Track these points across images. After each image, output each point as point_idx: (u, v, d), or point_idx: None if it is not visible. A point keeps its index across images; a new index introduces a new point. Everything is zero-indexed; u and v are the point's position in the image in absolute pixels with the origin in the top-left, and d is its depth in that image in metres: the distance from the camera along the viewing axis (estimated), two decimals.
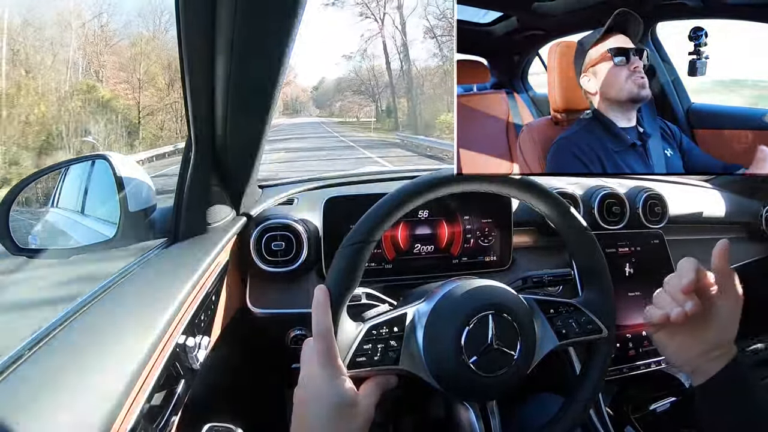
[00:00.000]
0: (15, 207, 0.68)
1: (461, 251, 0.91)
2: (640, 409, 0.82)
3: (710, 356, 0.53)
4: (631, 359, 0.86)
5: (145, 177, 0.75)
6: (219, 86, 0.59)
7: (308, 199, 0.95)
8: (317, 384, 0.48)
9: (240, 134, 0.69)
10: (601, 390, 0.62)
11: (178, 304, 0.58)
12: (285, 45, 0.53)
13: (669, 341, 0.56)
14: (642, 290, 0.90)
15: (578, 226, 0.59)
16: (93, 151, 13.54)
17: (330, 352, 0.48)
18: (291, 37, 0.52)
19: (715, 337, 0.53)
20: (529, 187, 0.56)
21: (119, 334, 0.50)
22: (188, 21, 0.53)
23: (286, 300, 0.83)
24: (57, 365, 0.44)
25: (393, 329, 0.54)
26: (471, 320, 0.52)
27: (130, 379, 0.45)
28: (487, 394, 0.57)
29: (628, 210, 0.99)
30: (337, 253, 0.52)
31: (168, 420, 0.54)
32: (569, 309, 0.60)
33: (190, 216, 0.74)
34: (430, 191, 0.53)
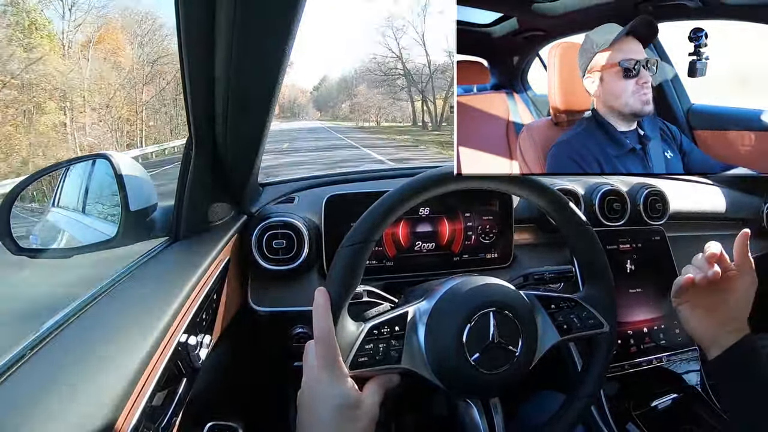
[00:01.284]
0: (15, 207, 0.68)
1: (462, 248, 0.91)
2: (642, 406, 0.82)
3: (726, 329, 0.59)
4: (633, 356, 0.86)
5: (146, 176, 0.75)
6: (219, 84, 0.59)
7: (309, 197, 0.95)
8: (320, 387, 0.48)
9: (241, 132, 0.69)
10: (602, 386, 0.62)
11: (180, 303, 0.58)
12: (285, 43, 0.53)
13: (690, 314, 0.61)
14: (643, 287, 0.91)
15: (578, 222, 0.59)
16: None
17: (331, 354, 0.48)
18: (291, 36, 0.52)
19: (731, 313, 0.59)
20: (529, 183, 0.56)
21: (121, 334, 0.50)
22: (188, 19, 0.53)
23: (288, 298, 0.83)
24: (58, 365, 0.44)
25: (394, 328, 0.54)
26: (472, 317, 0.52)
27: (132, 378, 0.46)
28: (490, 391, 0.57)
29: (629, 207, 0.99)
30: (336, 254, 0.52)
31: (170, 419, 0.54)
32: (570, 304, 0.60)
33: (191, 215, 0.74)
34: (430, 189, 0.53)
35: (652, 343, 0.87)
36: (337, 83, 44.14)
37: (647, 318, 0.89)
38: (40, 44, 17.19)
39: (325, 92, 51.05)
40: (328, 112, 45.22)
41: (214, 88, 0.61)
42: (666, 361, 0.87)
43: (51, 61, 17.28)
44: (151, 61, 23.38)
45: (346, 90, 39.41)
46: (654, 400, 0.82)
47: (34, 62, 16.16)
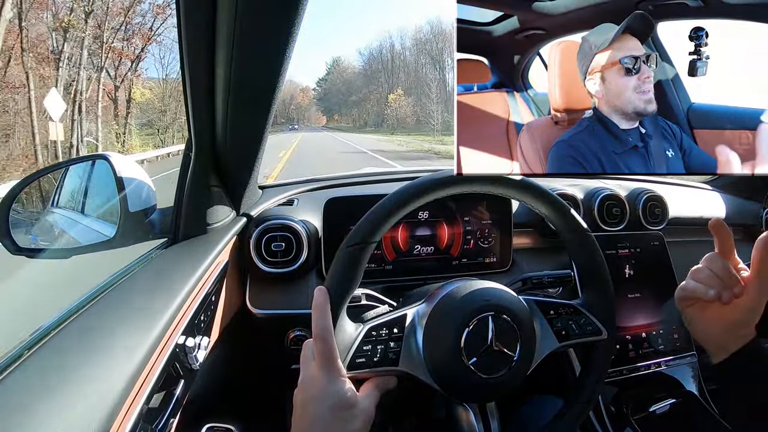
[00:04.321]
0: (15, 206, 0.68)
1: (461, 252, 0.91)
2: (640, 411, 0.82)
3: (734, 335, 0.55)
4: (631, 361, 0.86)
5: (146, 177, 0.75)
6: (219, 86, 0.60)
7: (309, 200, 0.95)
8: (317, 386, 0.48)
9: (240, 134, 0.69)
10: (600, 391, 0.62)
11: (178, 305, 0.58)
12: (286, 44, 0.53)
13: (698, 317, 0.58)
14: (642, 292, 0.90)
15: (578, 227, 0.59)
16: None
17: (329, 353, 0.48)
18: (292, 36, 0.52)
19: (742, 318, 0.55)
20: (528, 188, 0.56)
21: (118, 335, 0.50)
22: (189, 20, 0.53)
23: (286, 301, 0.83)
24: (56, 365, 0.44)
25: (392, 330, 0.53)
26: (471, 321, 0.52)
27: (129, 379, 0.45)
28: (487, 396, 0.57)
29: (628, 212, 0.99)
30: (336, 255, 0.52)
31: (167, 420, 0.54)
32: (569, 310, 0.60)
33: (190, 216, 0.74)
34: (430, 193, 0.53)
35: (651, 348, 0.87)
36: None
37: (646, 323, 0.89)
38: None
39: (333, 87, 37.28)
40: (350, 117, 29.92)
41: (214, 91, 0.61)
42: (664, 366, 0.87)
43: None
44: None
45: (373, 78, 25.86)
46: (652, 405, 0.82)
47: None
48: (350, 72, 35.66)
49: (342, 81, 36.66)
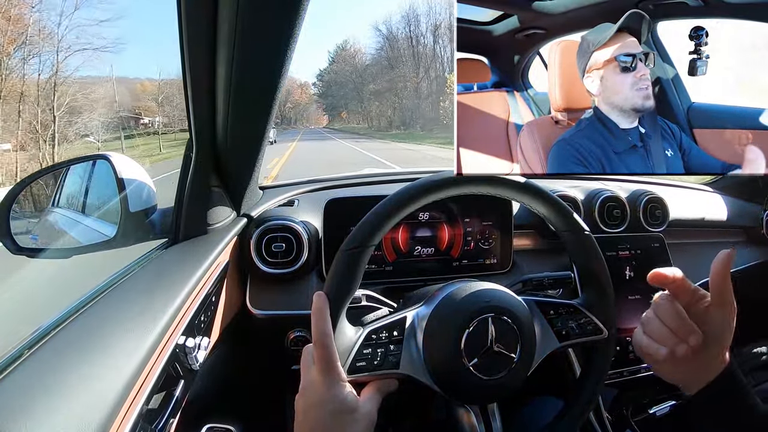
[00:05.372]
0: (15, 206, 0.68)
1: (461, 253, 0.91)
2: (640, 413, 0.82)
3: (704, 367, 0.51)
4: (631, 362, 0.86)
5: (146, 177, 0.75)
6: (220, 86, 0.60)
7: (309, 201, 0.95)
8: (317, 391, 0.48)
9: (241, 135, 0.69)
10: (601, 393, 0.62)
11: (178, 305, 0.58)
12: (287, 45, 0.53)
13: (659, 367, 0.54)
14: (642, 293, 0.90)
15: (578, 228, 0.59)
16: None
17: (329, 358, 0.48)
18: (293, 37, 0.52)
19: (710, 349, 0.50)
20: (528, 189, 0.56)
21: (118, 335, 0.50)
22: (190, 20, 0.53)
23: (286, 301, 0.83)
24: (56, 366, 0.44)
25: (392, 333, 0.53)
26: (471, 323, 0.52)
27: (129, 380, 0.45)
28: (488, 397, 0.57)
29: (628, 213, 0.99)
30: (335, 258, 0.52)
31: (167, 421, 0.54)
32: (569, 310, 0.59)
33: (191, 217, 0.74)
34: (429, 194, 0.53)
35: None
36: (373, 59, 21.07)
37: None
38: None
39: (335, 82, 27.26)
40: (364, 116, 21.03)
41: (215, 91, 0.61)
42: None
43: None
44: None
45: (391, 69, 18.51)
46: (652, 406, 0.82)
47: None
48: (363, 55, 27.90)
49: (352, 68, 29.23)
